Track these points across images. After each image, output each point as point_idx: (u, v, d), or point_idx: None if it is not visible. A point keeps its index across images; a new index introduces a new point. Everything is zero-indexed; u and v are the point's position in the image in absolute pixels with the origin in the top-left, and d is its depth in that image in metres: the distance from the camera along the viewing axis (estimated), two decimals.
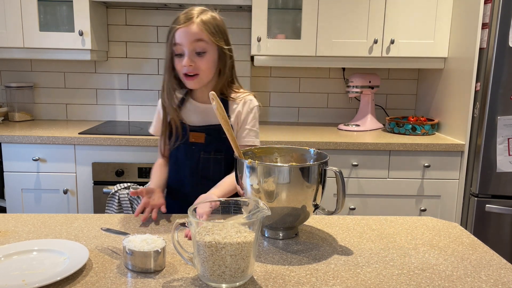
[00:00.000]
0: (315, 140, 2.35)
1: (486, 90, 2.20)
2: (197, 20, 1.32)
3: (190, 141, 1.42)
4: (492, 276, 0.96)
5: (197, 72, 1.34)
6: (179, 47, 1.33)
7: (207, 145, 1.42)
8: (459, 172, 2.37)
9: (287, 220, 1.11)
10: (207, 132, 1.42)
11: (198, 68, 1.34)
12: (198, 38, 1.32)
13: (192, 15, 1.33)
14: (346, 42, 2.53)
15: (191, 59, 1.33)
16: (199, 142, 1.42)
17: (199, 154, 1.42)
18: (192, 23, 1.32)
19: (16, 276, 0.90)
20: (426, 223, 1.28)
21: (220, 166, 1.43)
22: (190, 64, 1.33)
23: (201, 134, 1.41)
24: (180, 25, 1.32)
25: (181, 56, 1.34)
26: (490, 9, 2.17)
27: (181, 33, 1.32)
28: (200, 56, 1.34)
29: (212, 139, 1.41)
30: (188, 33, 1.31)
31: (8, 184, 2.35)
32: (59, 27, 2.60)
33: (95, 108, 2.91)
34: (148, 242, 0.96)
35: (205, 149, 1.42)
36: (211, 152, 1.42)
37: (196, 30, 1.32)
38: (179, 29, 1.32)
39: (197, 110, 1.44)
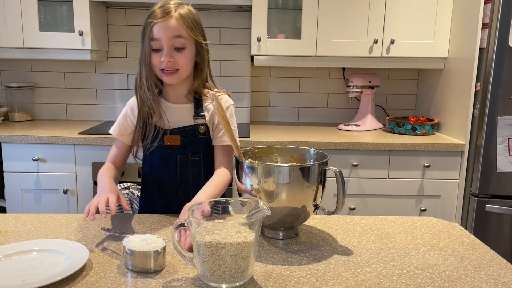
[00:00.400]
0: (315, 140, 2.35)
1: (486, 90, 2.20)
2: (175, 14, 1.28)
3: (165, 145, 1.36)
4: (492, 276, 0.96)
5: (176, 67, 1.30)
6: (157, 42, 1.28)
7: (183, 147, 1.36)
8: (459, 172, 2.37)
9: (287, 220, 1.11)
10: (183, 134, 1.36)
11: (177, 64, 1.30)
12: (177, 34, 1.28)
13: (170, 9, 1.28)
14: (346, 42, 2.53)
15: (170, 55, 1.28)
16: (175, 145, 1.36)
17: (176, 157, 1.37)
18: (171, 18, 1.27)
19: (16, 276, 0.90)
20: (426, 223, 1.28)
21: (199, 168, 1.38)
22: (170, 60, 1.28)
23: (176, 136, 1.35)
24: (157, 19, 1.27)
25: (159, 51, 1.29)
26: (490, 9, 2.17)
27: (159, 28, 1.27)
28: (179, 52, 1.29)
29: (188, 141, 1.36)
30: (166, 28, 1.27)
31: (8, 184, 2.35)
32: (59, 27, 2.60)
33: (95, 108, 2.91)
34: (148, 242, 0.96)
35: (182, 152, 1.36)
36: (188, 155, 1.37)
37: (175, 25, 1.27)
38: (156, 24, 1.26)
39: (170, 111, 1.37)
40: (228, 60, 2.84)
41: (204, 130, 1.37)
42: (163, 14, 1.27)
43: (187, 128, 1.36)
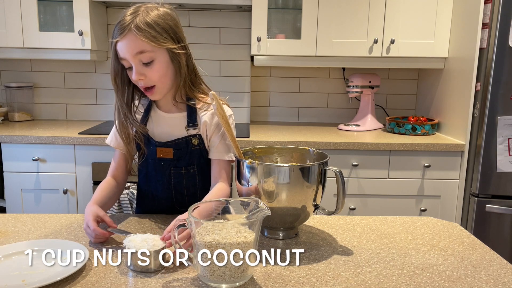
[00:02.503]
0: (315, 140, 2.35)
1: (486, 90, 2.20)
2: (132, 27, 1.15)
3: (158, 157, 1.31)
4: (492, 276, 0.96)
5: (152, 84, 1.21)
6: (125, 61, 1.21)
7: (176, 160, 1.30)
8: (459, 172, 2.37)
9: (287, 220, 1.11)
10: (175, 147, 1.29)
11: (151, 80, 1.20)
12: (139, 50, 1.17)
13: (125, 23, 1.16)
14: (346, 42, 2.53)
15: (140, 73, 1.19)
16: (168, 157, 1.30)
17: (169, 169, 1.31)
18: (128, 33, 1.15)
19: (16, 276, 0.90)
20: (426, 223, 1.28)
21: (193, 179, 1.33)
22: (141, 78, 1.20)
23: (168, 149, 1.29)
24: (116, 38, 1.17)
25: (131, 69, 1.21)
26: (490, 9, 2.17)
27: (121, 47, 1.18)
28: (148, 67, 1.19)
29: (181, 154, 1.30)
30: (127, 46, 1.17)
31: (8, 184, 2.35)
32: (59, 27, 2.60)
33: (95, 108, 2.91)
34: (148, 242, 0.96)
35: (175, 165, 1.31)
36: (182, 167, 1.30)
37: (135, 41, 1.15)
38: (118, 42, 1.18)
39: (162, 121, 1.32)
40: (228, 60, 2.84)
41: (197, 141, 1.30)
42: (121, 31, 1.16)
43: (180, 140, 1.30)
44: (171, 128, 1.31)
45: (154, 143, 1.30)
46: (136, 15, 1.17)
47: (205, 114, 1.30)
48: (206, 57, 2.84)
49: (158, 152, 1.30)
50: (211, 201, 1.09)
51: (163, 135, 1.31)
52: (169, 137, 1.30)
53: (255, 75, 2.94)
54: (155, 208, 1.38)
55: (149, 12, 1.18)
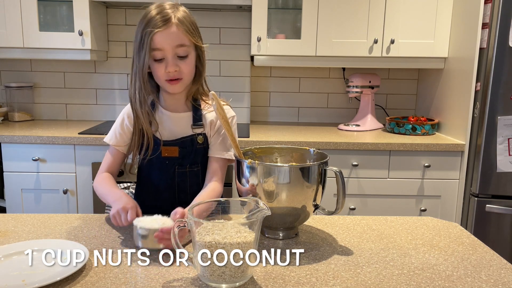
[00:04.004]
0: (315, 140, 2.35)
1: (486, 90, 2.20)
2: (175, 21, 1.21)
3: (163, 156, 1.32)
4: (492, 276, 0.96)
5: (180, 76, 1.26)
6: (159, 52, 1.22)
7: (181, 158, 1.32)
8: (459, 172, 2.37)
9: (287, 220, 1.11)
10: (181, 145, 1.32)
11: (182, 73, 1.25)
12: (180, 43, 1.22)
13: (169, 15, 1.21)
14: (346, 42, 2.53)
15: (175, 64, 1.23)
16: (173, 156, 1.32)
17: (173, 168, 1.33)
18: (171, 25, 1.20)
19: (16, 276, 0.90)
20: (426, 223, 1.28)
21: (197, 178, 1.35)
22: (176, 70, 1.24)
23: (174, 148, 1.31)
24: (158, 28, 1.20)
25: (160, 61, 1.23)
26: (490, 9, 2.17)
27: (161, 38, 1.20)
28: (182, 60, 1.24)
29: (186, 152, 1.32)
30: (169, 37, 1.20)
31: (8, 184, 2.35)
32: (59, 27, 2.60)
33: (95, 108, 2.91)
34: (158, 222, 0.99)
35: (180, 163, 1.33)
36: (186, 166, 1.33)
37: (177, 33, 1.21)
38: (158, 33, 1.20)
39: (168, 121, 1.34)
40: (228, 60, 2.84)
41: (202, 140, 1.33)
42: (163, 22, 1.20)
43: (185, 138, 1.32)
44: (176, 127, 1.33)
45: (160, 141, 1.31)
46: (175, 9, 1.23)
47: (210, 113, 1.35)
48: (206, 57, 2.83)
49: (163, 151, 1.32)
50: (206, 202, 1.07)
51: (168, 134, 1.33)
52: (174, 136, 1.33)
53: (255, 75, 2.94)
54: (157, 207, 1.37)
55: (184, 9, 1.26)
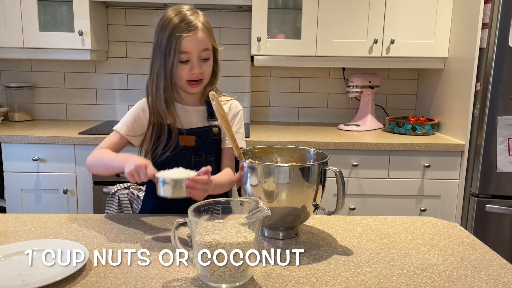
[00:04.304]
0: (315, 140, 2.35)
1: (486, 90, 2.20)
2: (200, 26, 1.31)
3: (180, 145, 1.38)
4: (492, 276, 0.96)
5: (202, 77, 1.36)
6: (185, 55, 1.31)
7: (197, 148, 1.39)
8: (459, 172, 2.37)
9: (287, 220, 1.11)
10: (197, 135, 1.39)
11: (204, 74, 1.36)
12: (205, 48, 1.32)
13: (194, 22, 1.30)
14: (346, 42, 2.53)
15: (200, 66, 1.33)
16: (190, 145, 1.38)
17: (189, 157, 1.39)
18: (198, 31, 1.30)
19: (16, 276, 0.90)
20: (426, 223, 1.28)
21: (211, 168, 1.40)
22: (200, 72, 1.34)
23: (191, 137, 1.38)
24: (186, 33, 1.29)
25: (185, 63, 1.32)
26: (490, 9, 2.17)
27: (189, 42, 1.29)
28: (204, 62, 1.35)
29: (202, 142, 1.39)
30: (196, 42, 1.30)
31: (8, 184, 2.35)
32: (59, 27, 2.60)
33: (95, 108, 2.91)
34: (183, 173, 1.08)
35: (196, 152, 1.39)
36: (202, 155, 1.40)
37: (204, 38, 1.31)
38: (186, 38, 1.28)
39: (184, 113, 1.41)
40: (228, 60, 2.83)
41: (217, 131, 1.41)
42: (191, 28, 1.29)
43: (202, 129, 1.40)
44: (192, 119, 1.41)
45: (182, 130, 1.38)
46: (197, 14, 1.33)
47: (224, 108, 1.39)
48: None
49: (181, 140, 1.38)
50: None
51: (186, 126, 1.39)
52: (190, 126, 1.40)
53: (255, 75, 2.94)
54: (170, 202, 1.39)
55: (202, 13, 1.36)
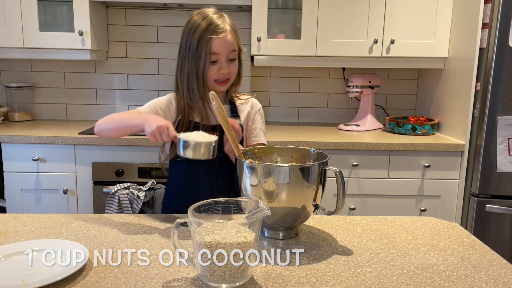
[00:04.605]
0: (315, 140, 2.35)
1: (486, 90, 2.20)
2: (229, 28, 1.39)
3: None
4: (492, 276, 0.96)
5: (229, 77, 1.42)
6: (214, 56, 1.37)
7: (222, 144, 1.40)
8: (459, 172, 2.37)
9: (287, 220, 1.11)
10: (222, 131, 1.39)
11: (231, 74, 1.42)
12: (233, 49, 1.39)
13: (223, 24, 1.37)
14: (346, 42, 2.53)
15: (228, 67, 1.40)
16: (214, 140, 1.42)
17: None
18: (227, 33, 1.38)
19: (16, 276, 0.90)
20: (426, 223, 1.28)
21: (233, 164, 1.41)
22: (228, 72, 1.40)
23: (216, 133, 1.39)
24: (216, 35, 1.36)
25: (213, 63, 1.38)
26: (490, 9, 2.17)
27: (219, 44, 1.36)
28: (231, 63, 1.41)
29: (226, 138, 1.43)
30: (226, 44, 1.37)
31: (8, 184, 2.35)
32: (59, 27, 2.60)
33: (95, 108, 2.91)
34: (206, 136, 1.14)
35: (220, 148, 1.39)
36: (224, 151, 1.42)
37: (232, 40, 1.39)
38: (216, 40, 1.35)
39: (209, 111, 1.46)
40: None
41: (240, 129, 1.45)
42: (220, 30, 1.36)
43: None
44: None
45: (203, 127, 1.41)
46: (224, 17, 1.40)
47: (244, 106, 1.52)
48: None
49: None
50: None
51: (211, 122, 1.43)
52: (215, 123, 1.43)
53: (255, 75, 2.94)
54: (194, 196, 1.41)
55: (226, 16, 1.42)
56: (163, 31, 2.84)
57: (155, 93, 2.90)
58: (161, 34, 2.85)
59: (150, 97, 3.20)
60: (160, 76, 2.90)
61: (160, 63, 2.88)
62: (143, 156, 2.33)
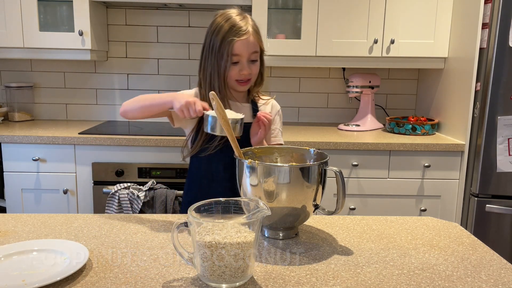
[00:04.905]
0: (315, 140, 2.35)
1: (486, 90, 2.20)
2: (252, 30, 1.42)
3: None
4: (492, 276, 0.96)
5: (250, 77, 1.46)
6: (236, 57, 1.41)
7: (242, 141, 1.42)
8: (459, 172, 2.37)
9: (287, 220, 1.11)
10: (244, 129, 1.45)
11: (252, 74, 1.46)
12: (254, 50, 1.43)
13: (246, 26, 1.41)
14: (346, 42, 2.53)
15: (249, 67, 1.43)
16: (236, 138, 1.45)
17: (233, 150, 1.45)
18: (249, 35, 1.41)
19: (16, 276, 0.90)
20: (426, 223, 1.28)
21: None
22: (249, 73, 1.44)
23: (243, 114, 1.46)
24: (238, 37, 1.39)
25: (235, 64, 1.42)
26: (490, 9, 2.17)
27: (240, 45, 1.39)
28: (252, 64, 1.45)
29: (247, 135, 1.47)
30: (247, 45, 1.40)
31: (8, 184, 2.35)
32: (59, 27, 2.60)
33: (95, 108, 2.91)
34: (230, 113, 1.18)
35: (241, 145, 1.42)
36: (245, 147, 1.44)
37: (254, 42, 1.42)
38: (238, 41, 1.39)
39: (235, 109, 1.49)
40: None
41: None
42: (242, 32, 1.40)
43: (248, 124, 1.46)
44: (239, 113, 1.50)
45: None
46: (247, 19, 1.43)
47: (265, 107, 1.57)
48: None
49: None
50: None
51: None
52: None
53: None
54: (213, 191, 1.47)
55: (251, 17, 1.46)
56: (163, 31, 2.84)
57: (155, 93, 2.89)
58: (161, 34, 2.85)
59: None
60: (160, 76, 2.90)
61: (160, 63, 2.88)
62: (143, 156, 2.33)
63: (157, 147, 2.33)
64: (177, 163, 2.33)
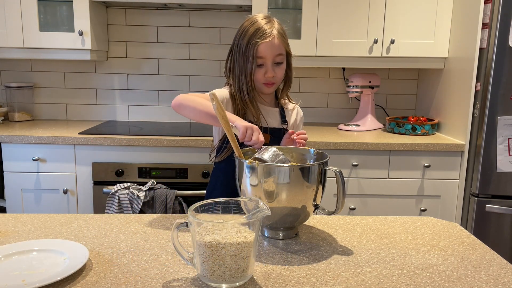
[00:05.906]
0: (315, 140, 2.35)
1: (486, 90, 2.20)
2: (276, 33, 1.44)
3: None
4: (492, 276, 0.96)
5: (275, 80, 1.48)
6: (261, 60, 1.43)
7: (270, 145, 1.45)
8: (459, 172, 2.37)
9: (287, 220, 1.11)
10: (272, 134, 1.49)
11: (277, 77, 1.48)
12: (279, 52, 1.45)
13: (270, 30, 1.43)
14: (346, 42, 2.53)
15: (273, 70, 1.45)
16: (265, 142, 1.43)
17: None
18: (274, 38, 1.43)
19: (16, 276, 0.90)
20: (426, 223, 1.28)
21: None
22: (274, 75, 1.46)
23: (267, 135, 1.46)
24: (263, 40, 1.42)
25: (261, 66, 1.44)
26: (490, 9, 2.17)
27: (265, 48, 1.42)
28: (277, 66, 1.47)
29: (275, 141, 1.48)
30: (272, 48, 1.42)
31: (8, 184, 2.35)
32: (59, 27, 2.60)
33: (95, 108, 2.91)
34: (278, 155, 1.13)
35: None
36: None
37: (279, 45, 1.44)
38: (263, 44, 1.41)
39: (265, 112, 1.52)
40: None
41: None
42: (267, 35, 1.42)
43: (276, 129, 1.52)
44: (268, 118, 1.53)
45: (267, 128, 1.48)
46: (273, 22, 1.46)
47: (292, 113, 1.62)
48: (206, 57, 2.84)
49: None
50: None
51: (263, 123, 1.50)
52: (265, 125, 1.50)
53: None
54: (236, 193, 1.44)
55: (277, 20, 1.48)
56: (163, 31, 2.84)
57: (155, 93, 2.90)
58: (161, 34, 2.85)
59: (150, 97, 3.20)
60: (160, 76, 2.90)
61: (160, 63, 2.88)
62: (143, 156, 2.33)
63: (157, 147, 2.33)
64: (177, 163, 2.33)
